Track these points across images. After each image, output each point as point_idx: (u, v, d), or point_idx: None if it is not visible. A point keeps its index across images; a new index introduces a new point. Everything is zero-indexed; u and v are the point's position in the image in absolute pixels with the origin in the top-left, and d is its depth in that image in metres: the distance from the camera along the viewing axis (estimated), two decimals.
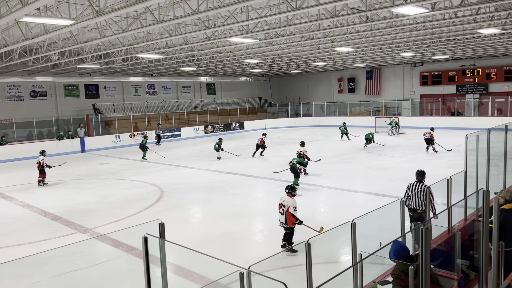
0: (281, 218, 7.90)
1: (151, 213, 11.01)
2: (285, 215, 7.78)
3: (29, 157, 22.52)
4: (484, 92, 29.46)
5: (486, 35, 17.75)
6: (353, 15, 12.14)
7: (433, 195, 7.75)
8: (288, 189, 8.06)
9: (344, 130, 25.59)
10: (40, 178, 15.26)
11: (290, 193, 7.99)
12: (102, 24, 13.25)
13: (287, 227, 7.88)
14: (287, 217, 7.76)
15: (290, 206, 7.75)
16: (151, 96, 33.42)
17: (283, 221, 7.86)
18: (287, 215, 7.76)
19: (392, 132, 27.38)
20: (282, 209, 7.86)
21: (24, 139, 25.06)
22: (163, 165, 18.72)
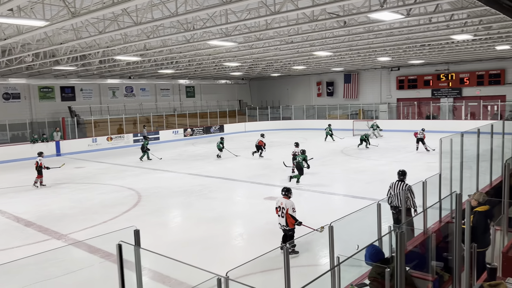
0: (281, 221, 7.91)
1: (129, 218, 10.84)
2: (285, 217, 7.80)
3: (2, 161, 21.88)
4: (458, 96, 30.26)
5: (459, 41, 18.25)
6: (331, 20, 12.30)
7: (414, 193, 7.97)
8: (284, 191, 8.09)
9: (329, 132, 26.63)
10: (38, 179, 15.26)
11: (287, 195, 8.03)
12: (78, 25, 13.00)
13: (288, 229, 7.90)
14: (287, 219, 7.79)
15: (289, 207, 7.80)
16: (129, 98, 32.96)
17: (284, 223, 7.87)
18: (287, 217, 7.79)
19: (375, 134, 27.90)
20: (281, 212, 7.88)
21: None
22: (141, 169, 18.46)
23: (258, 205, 11.75)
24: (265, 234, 9.25)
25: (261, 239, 8.98)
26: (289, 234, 7.93)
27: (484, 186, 8.36)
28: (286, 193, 8.05)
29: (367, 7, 11.30)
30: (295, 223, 7.80)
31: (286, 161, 16.19)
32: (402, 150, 20.99)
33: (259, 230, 9.62)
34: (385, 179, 14.20)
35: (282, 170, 16.93)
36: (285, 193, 8.05)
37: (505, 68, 27.96)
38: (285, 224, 7.88)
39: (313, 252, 8.03)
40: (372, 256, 4.03)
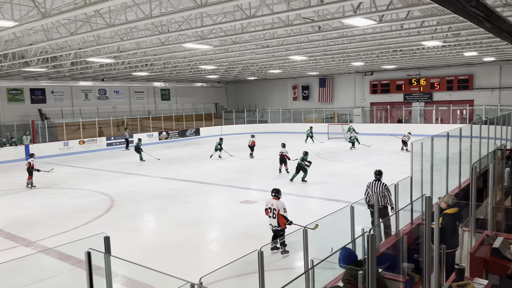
0: (273, 222, 8.03)
1: (101, 223, 10.61)
2: (277, 218, 7.95)
3: None
4: (429, 101, 31.12)
5: (430, 47, 18.79)
6: (306, 24, 12.43)
7: (390, 191, 8.18)
8: (274, 193, 8.22)
9: (310, 134, 27.65)
10: (29, 180, 15.47)
11: (277, 196, 8.17)
12: (49, 26, 12.66)
13: (280, 229, 8.01)
14: (279, 219, 7.93)
15: (280, 208, 7.95)
16: (102, 101, 32.30)
17: (276, 224, 8.00)
18: (279, 217, 7.93)
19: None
20: (273, 213, 8.00)
21: None
22: (114, 173, 18.11)
23: (234, 209, 11.73)
24: (241, 238, 9.23)
25: (237, 243, 8.95)
26: (280, 234, 8.05)
27: (454, 188, 8.61)
28: (276, 194, 8.18)
29: (341, 12, 11.49)
30: (286, 223, 7.91)
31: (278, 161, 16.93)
32: (376, 153, 21.39)
33: (235, 234, 9.59)
34: (358, 182, 14.44)
35: (258, 173, 16.96)
36: (275, 195, 8.19)
37: (473, 74, 28.96)
38: (276, 225, 8.00)
39: (288, 255, 8.06)
40: (345, 258, 4.09)
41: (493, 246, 4.30)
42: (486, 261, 4.18)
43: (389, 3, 10.53)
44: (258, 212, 11.33)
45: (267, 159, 20.70)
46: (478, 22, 9.07)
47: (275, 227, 8.08)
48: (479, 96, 28.90)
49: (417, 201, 6.77)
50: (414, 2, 9.72)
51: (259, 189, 14.02)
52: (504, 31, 11.10)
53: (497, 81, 28.22)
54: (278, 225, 7.99)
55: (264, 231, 9.55)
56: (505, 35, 11.72)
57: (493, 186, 5.98)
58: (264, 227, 9.90)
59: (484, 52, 21.42)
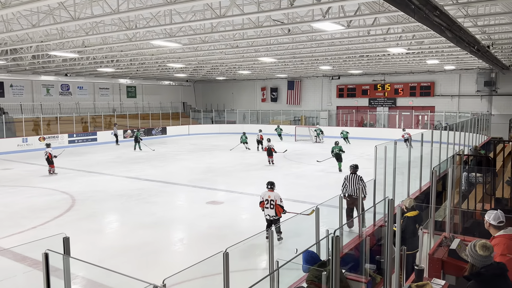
0: (270, 212, 8.65)
1: (61, 223, 10.23)
2: (274, 208, 8.60)
3: None
4: (393, 106, 32.08)
5: (395, 53, 19.38)
6: (275, 27, 12.50)
7: (365, 183, 8.93)
8: (270, 185, 8.84)
9: (280, 131, 30.24)
10: (51, 168, 16.87)
11: (272, 188, 8.79)
12: (9, 17, 12.11)
13: (277, 218, 8.67)
14: (276, 209, 8.61)
15: (277, 199, 8.63)
16: (64, 97, 31.20)
17: (274, 214, 8.64)
18: (276, 207, 8.60)
19: (319, 139, 29.15)
20: (270, 204, 8.62)
21: None
22: (75, 172, 17.53)
23: (200, 209, 11.61)
24: (207, 239, 9.15)
25: (202, 244, 8.87)
26: (277, 226, 8.60)
27: (415, 191, 8.91)
28: (271, 187, 8.82)
29: (310, 16, 11.64)
30: (282, 211, 8.64)
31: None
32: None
33: (201, 234, 9.50)
34: (323, 184, 14.69)
35: (224, 174, 16.89)
36: (271, 187, 8.82)
37: (435, 81, 30.11)
38: (274, 215, 8.65)
39: (253, 256, 8.07)
40: (308, 261, 4.14)
41: (450, 248, 4.46)
42: (443, 262, 4.33)
43: (357, 9, 10.78)
44: (225, 213, 11.30)
45: (232, 160, 20.67)
46: (440, 31, 9.44)
47: (272, 217, 8.67)
48: (440, 103, 30.10)
49: (380, 204, 6.95)
50: (381, 9, 9.99)
51: (225, 189, 13.96)
52: (464, 41, 11.61)
53: (456, 89, 29.48)
54: (276, 215, 8.61)
55: (229, 232, 9.53)
56: (465, 45, 12.26)
57: (451, 190, 6.22)
58: (230, 228, 9.88)
59: (445, 61, 22.32)
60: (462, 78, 29.14)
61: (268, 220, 8.81)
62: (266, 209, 8.74)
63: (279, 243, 8.44)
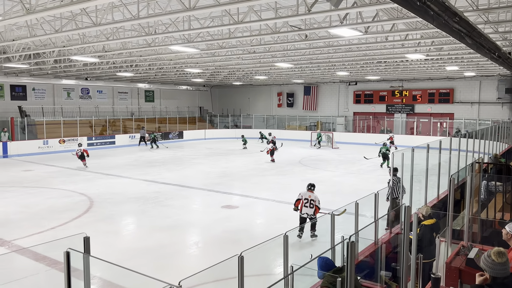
0: (309, 211, 9.24)
1: (79, 224, 10.42)
2: (314, 208, 9.21)
3: None
4: (411, 112, 31.70)
5: (413, 59, 19.18)
6: (293, 32, 12.56)
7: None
8: (311, 186, 9.45)
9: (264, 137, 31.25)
10: (84, 162, 19.53)
11: (312, 189, 9.41)
12: (33, 22, 12.47)
13: (314, 217, 9.24)
14: (316, 210, 9.27)
15: (317, 200, 9.30)
16: (84, 100, 31.83)
17: (311, 213, 9.22)
18: (316, 209, 9.25)
19: (319, 145, 29.20)
20: (310, 203, 9.22)
21: None
22: (93, 174, 17.83)
23: (215, 213, 11.68)
24: (221, 243, 9.19)
25: (217, 247, 8.91)
26: (313, 222, 9.27)
27: (432, 199, 8.79)
28: (313, 188, 9.45)
29: (327, 22, 11.65)
30: (318, 212, 9.30)
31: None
32: (357, 162, 21.64)
33: (215, 238, 9.55)
34: (338, 190, 14.59)
35: (240, 179, 16.95)
36: (312, 188, 9.44)
37: (454, 88, 29.65)
38: (312, 214, 9.23)
39: (267, 261, 8.06)
40: (322, 267, 4.13)
41: (468, 257, 4.40)
42: (461, 271, 4.26)
43: (375, 15, 10.74)
44: (240, 218, 11.33)
45: (248, 164, 20.72)
46: (460, 37, 9.33)
47: (310, 215, 9.24)
48: (459, 110, 29.60)
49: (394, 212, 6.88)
50: (399, 15, 9.93)
51: (240, 194, 14.01)
52: (484, 47, 11.43)
53: (476, 96, 28.97)
54: (313, 214, 9.23)
55: (244, 236, 9.56)
56: (486, 51, 12.07)
57: (470, 198, 6.12)
58: (244, 233, 9.91)
59: (465, 67, 21.98)
60: (483, 85, 28.62)
61: (303, 218, 9.35)
62: (305, 208, 9.26)
63: (311, 240, 9.05)
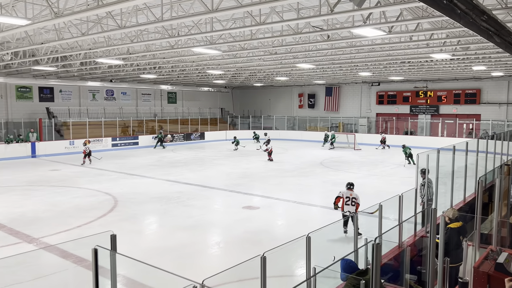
0: (351, 209, 9.71)
1: (104, 223, 10.63)
2: (355, 205, 9.68)
3: None
4: (435, 114, 31.05)
5: (438, 59, 18.79)
6: (315, 33, 12.48)
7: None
8: (351, 185, 9.95)
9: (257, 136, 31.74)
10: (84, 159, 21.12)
11: (352, 188, 9.89)
12: (61, 26, 12.82)
13: (355, 214, 9.36)
14: (356, 206, 9.70)
15: (358, 198, 9.76)
16: (109, 102, 32.50)
17: (353, 211, 9.63)
18: (357, 205, 9.69)
19: (331, 145, 29.10)
20: (352, 201, 9.72)
21: None
22: (118, 174, 18.18)
23: (236, 214, 11.72)
24: (242, 243, 9.22)
25: (238, 248, 8.94)
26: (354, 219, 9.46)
27: (458, 202, 8.57)
28: (352, 187, 9.91)
29: (350, 22, 11.54)
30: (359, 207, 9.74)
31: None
32: (380, 164, 21.33)
33: (237, 239, 9.58)
34: (362, 192, 14.39)
35: (260, 180, 16.96)
36: (352, 187, 9.90)
37: (481, 88, 28.88)
38: (354, 211, 9.64)
39: (289, 262, 8.04)
40: (345, 269, 4.07)
41: (497, 261, 4.27)
42: (489, 276, 4.14)
43: (399, 14, 10.58)
44: (260, 219, 11.34)
45: (268, 165, 20.71)
46: (488, 36, 9.07)
47: (352, 213, 9.58)
48: (486, 111, 28.81)
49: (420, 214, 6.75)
50: (424, 15, 9.75)
51: (261, 195, 14.01)
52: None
53: (504, 97, 28.13)
54: (354, 211, 9.61)
55: (265, 237, 9.55)
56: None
57: (498, 201, 5.95)
58: (265, 234, 9.90)
59: (492, 67, 21.38)
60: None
61: (345, 216, 9.75)
62: (346, 206, 9.74)
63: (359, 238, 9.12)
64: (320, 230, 7.45)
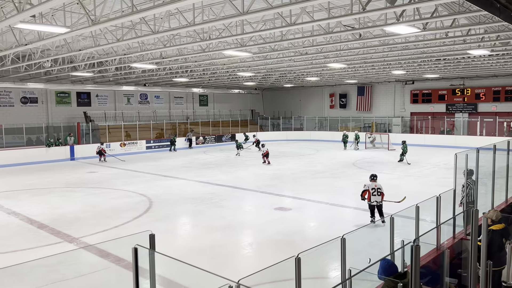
0: (378, 199, 10.30)
1: (139, 223, 10.90)
2: (381, 195, 10.28)
3: (17, 164, 22.26)
4: (473, 112, 29.93)
5: (476, 56, 18.12)
6: (346, 32, 12.34)
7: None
8: (375, 177, 10.64)
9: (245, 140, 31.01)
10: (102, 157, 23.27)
11: (375, 179, 10.57)
12: (97, 33, 13.26)
13: (381, 203, 10.31)
14: (382, 195, 10.31)
15: (382, 187, 10.40)
16: (143, 105, 33.34)
17: (380, 200, 10.28)
18: (382, 195, 10.29)
19: (357, 146, 28.55)
20: (377, 191, 10.28)
21: (12, 145, 24.72)
22: (152, 175, 18.59)
23: (268, 215, 11.72)
24: (275, 245, 9.21)
25: (271, 249, 8.94)
26: (381, 208, 10.33)
27: (500, 203, 8.23)
28: (375, 178, 10.60)
29: (383, 20, 11.32)
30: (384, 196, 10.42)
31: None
32: (415, 165, 20.78)
33: (269, 240, 9.58)
34: (397, 194, 14.07)
35: (291, 181, 16.90)
36: (375, 178, 10.59)
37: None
38: (380, 200, 10.26)
39: (322, 264, 7.96)
40: (386, 270, 3.96)
41: None
42: None
43: (434, 10, 10.29)
44: (292, 220, 11.29)
45: (299, 167, 20.60)
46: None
47: (379, 202, 10.24)
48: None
49: (459, 215, 6.52)
50: (461, 10, 9.43)
51: (293, 196, 13.95)
52: None
53: None
54: (381, 200, 10.24)
55: (298, 239, 9.51)
56: None
57: None
58: (298, 235, 9.85)
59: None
60: None
61: (372, 206, 10.33)
62: (373, 196, 10.26)
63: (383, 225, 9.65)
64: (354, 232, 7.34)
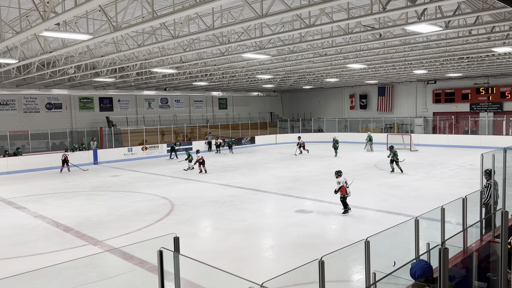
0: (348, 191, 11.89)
1: (162, 226, 11.02)
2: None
3: (43, 168, 22.84)
4: (499, 111, 29.15)
5: (501, 53, 17.65)
6: (366, 32, 12.21)
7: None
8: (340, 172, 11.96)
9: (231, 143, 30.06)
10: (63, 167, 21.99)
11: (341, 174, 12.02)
12: (118, 39, 13.52)
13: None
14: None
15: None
16: (163, 109, 33.78)
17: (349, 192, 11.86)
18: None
19: (370, 147, 27.98)
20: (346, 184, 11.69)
21: (38, 150, 25.43)
22: (173, 179, 18.78)
23: (289, 217, 11.67)
24: (296, 247, 9.16)
25: (292, 252, 8.89)
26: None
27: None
28: (340, 173, 11.95)
29: (403, 19, 11.16)
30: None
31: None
32: (438, 165, 20.36)
33: (290, 243, 9.54)
34: (420, 195, 13.81)
35: (312, 183, 16.79)
36: (340, 173, 11.93)
37: None
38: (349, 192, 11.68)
39: (345, 267, 7.87)
40: (424, 271, 3.62)
41: None
42: None
43: (456, 8, 10.09)
44: (313, 223, 11.21)
45: (319, 169, 20.45)
46: None
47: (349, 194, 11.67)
48: None
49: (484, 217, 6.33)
50: (485, 7, 9.22)
51: (313, 198, 13.86)
52: None
53: None
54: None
55: (319, 242, 9.43)
56: None
57: None
58: (319, 238, 9.77)
59: None
60: None
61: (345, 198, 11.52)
62: (347, 189, 11.68)
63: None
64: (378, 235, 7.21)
